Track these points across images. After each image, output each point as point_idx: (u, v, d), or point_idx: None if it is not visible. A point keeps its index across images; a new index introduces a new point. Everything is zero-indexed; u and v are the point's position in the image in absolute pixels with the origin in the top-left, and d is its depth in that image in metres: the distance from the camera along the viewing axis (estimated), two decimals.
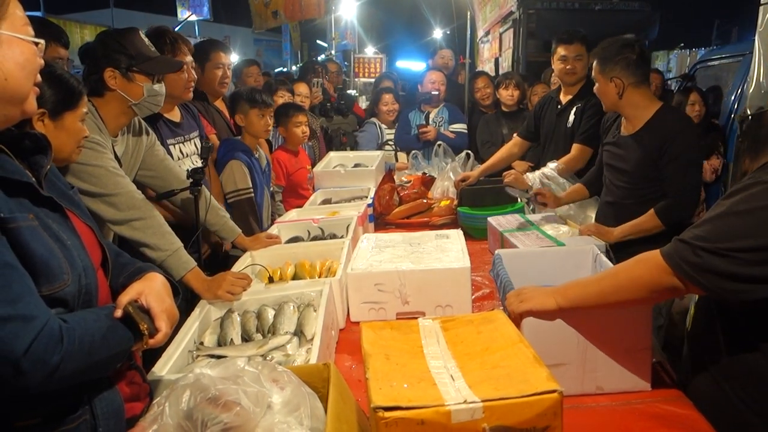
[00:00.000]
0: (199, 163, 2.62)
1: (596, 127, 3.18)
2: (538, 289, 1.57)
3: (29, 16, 1.14)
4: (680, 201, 2.47)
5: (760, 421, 1.36)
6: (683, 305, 1.84)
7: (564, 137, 3.56)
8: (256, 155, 3.21)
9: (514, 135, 4.03)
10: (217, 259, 2.89)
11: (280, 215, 3.34)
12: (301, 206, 3.36)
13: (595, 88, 2.68)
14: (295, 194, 3.84)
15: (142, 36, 2.27)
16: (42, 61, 1.14)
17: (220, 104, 3.51)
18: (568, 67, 3.49)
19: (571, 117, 3.52)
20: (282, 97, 4.39)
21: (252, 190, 3.02)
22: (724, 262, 1.28)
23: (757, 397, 1.37)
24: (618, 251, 2.34)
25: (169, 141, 2.69)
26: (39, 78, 1.14)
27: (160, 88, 2.28)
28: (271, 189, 3.53)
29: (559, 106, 3.64)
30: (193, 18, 18.81)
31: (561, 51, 3.51)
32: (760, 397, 1.37)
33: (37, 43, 1.13)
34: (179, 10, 19.05)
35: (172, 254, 2.05)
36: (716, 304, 1.47)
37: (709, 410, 1.47)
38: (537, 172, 3.34)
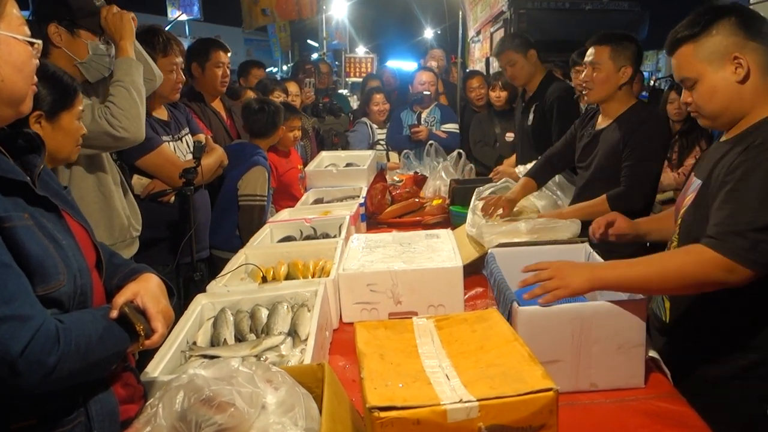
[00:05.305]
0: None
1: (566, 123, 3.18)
2: (572, 267, 1.55)
3: None
4: (631, 191, 2.51)
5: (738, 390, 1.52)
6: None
7: (526, 134, 3.75)
8: None
9: None
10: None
11: (271, 215, 3.34)
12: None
13: (593, 75, 2.56)
14: (286, 195, 3.83)
15: None
16: (37, 62, 1.14)
17: (217, 105, 3.48)
18: (508, 74, 3.83)
19: (531, 116, 3.67)
20: (278, 98, 4.36)
21: (266, 198, 3.13)
22: None
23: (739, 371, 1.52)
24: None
25: (164, 138, 2.69)
26: (35, 79, 1.14)
27: (107, 48, 2.21)
28: None
29: (522, 104, 3.85)
30: (184, 17, 18.70)
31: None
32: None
33: (33, 44, 1.12)
34: (169, 9, 18.93)
35: None
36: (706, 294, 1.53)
37: (697, 396, 1.54)
38: (528, 166, 3.40)
